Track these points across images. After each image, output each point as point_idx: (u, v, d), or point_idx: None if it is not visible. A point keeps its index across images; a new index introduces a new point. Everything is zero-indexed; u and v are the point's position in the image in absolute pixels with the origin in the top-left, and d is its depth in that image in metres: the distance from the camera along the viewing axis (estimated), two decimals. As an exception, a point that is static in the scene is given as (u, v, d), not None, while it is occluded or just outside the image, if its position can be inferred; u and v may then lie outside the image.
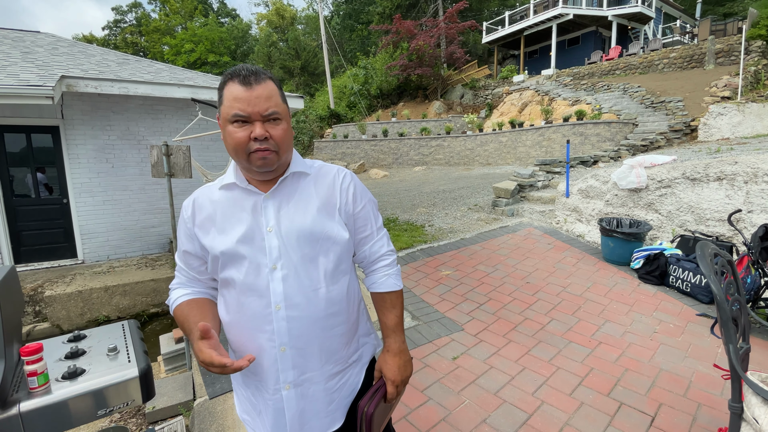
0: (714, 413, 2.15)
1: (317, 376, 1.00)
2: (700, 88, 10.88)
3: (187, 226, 1.01)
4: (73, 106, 5.74)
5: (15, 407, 1.18)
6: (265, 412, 0.99)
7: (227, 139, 0.92)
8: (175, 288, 1.06)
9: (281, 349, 0.95)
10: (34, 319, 4.68)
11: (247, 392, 1.04)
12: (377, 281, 1.13)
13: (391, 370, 1.08)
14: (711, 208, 3.99)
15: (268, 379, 0.97)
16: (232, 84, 0.91)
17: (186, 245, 1.02)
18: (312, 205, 1.00)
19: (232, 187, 1.00)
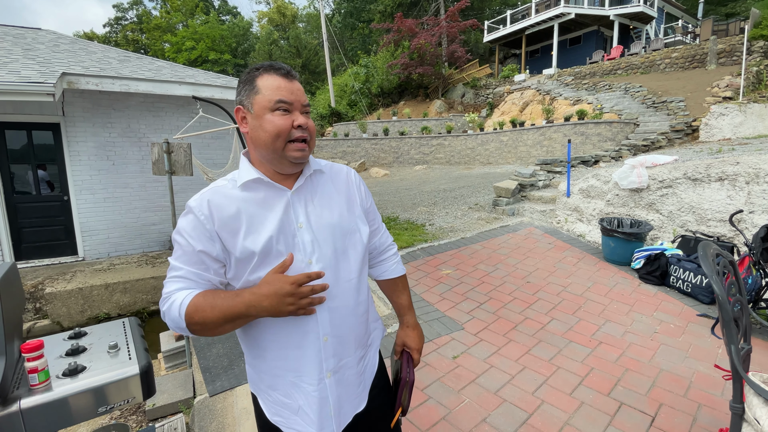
0: (714, 414, 2.15)
1: (351, 361, 1.05)
2: (702, 88, 10.86)
3: (205, 227, 0.92)
4: (74, 103, 5.74)
5: (16, 404, 1.18)
6: (308, 405, 1.00)
7: (265, 127, 0.92)
8: (175, 293, 0.91)
9: (324, 339, 0.98)
10: (34, 316, 4.68)
11: (278, 393, 1.02)
12: (389, 269, 1.23)
13: (414, 341, 1.21)
14: (712, 209, 3.99)
15: (312, 371, 0.99)
16: (269, 75, 0.94)
17: (203, 246, 0.92)
18: (335, 201, 1.05)
19: (257, 184, 0.97)
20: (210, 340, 3.18)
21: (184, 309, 0.87)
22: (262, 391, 1.05)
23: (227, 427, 2.31)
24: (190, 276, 0.93)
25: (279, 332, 0.97)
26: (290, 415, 1.02)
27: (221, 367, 2.81)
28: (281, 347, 0.98)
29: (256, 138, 0.95)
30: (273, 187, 0.98)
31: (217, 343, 3.13)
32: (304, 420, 1.00)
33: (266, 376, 1.02)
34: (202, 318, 0.86)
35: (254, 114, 0.94)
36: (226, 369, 2.79)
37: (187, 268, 0.92)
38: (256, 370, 1.05)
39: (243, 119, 0.98)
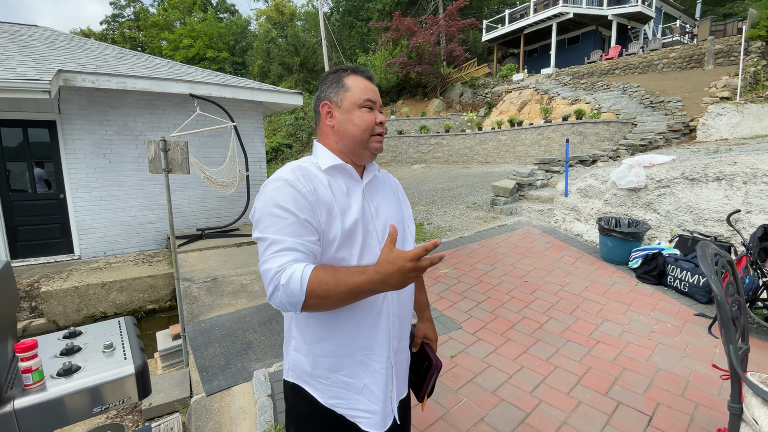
0: (712, 413, 2.15)
1: (405, 345, 1.16)
2: (700, 88, 10.89)
3: (308, 199, 0.94)
4: (70, 100, 5.70)
5: (9, 404, 1.16)
6: (374, 382, 1.04)
7: (355, 120, 1.04)
8: (290, 265, 0.88)
9: (393, 320, 1.06)
10: (30, 315, 4.65)
11: (341, 374, 1.04)
12: None
13: (434, 333, 1.33)
14: (710, 209, 4.00)
15: (382, 349, 1.05)
16: (356, 77, 1.07)
17: (308, 216, 0.93)
18: (391, 199, 1.17)
19: (338, 171, 1.05)
20: (207, 340, 3.16)
21: (306, 282, 0.85)
22: (316, 377, 1.05)
23: (224, 427, 2.29)
24: (298, 247, 0.91)
25: (356, 312, 1.01)
26: (352, 395, 1.04)
27: (218, 367, 2.80)
28: (356, 326, 1.02)
29: (344, 130, 1.05)
30: (351, 175, 1.07)
31: (213, 342, 3.12)
32: (367, 398, 1.04)
33: (329, 359, 1.03)
34: (326, 292, 0.86)
35: (343, 109, 1.05)
36: (223, 368, 2.78)
37: (293, 239, 0.91)
38: (314, 355, 1.04)
39: (329, 113, 1.07)
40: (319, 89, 1.11)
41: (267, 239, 0.92)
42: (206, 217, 6.97)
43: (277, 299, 0.88)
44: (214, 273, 4.59)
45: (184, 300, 3.86)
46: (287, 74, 29.50)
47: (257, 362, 2.81)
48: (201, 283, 4.30)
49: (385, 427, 1.05)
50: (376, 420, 1.04)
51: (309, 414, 1.08)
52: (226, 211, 7.14)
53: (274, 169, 17.87)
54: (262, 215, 0.94)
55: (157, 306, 5.12)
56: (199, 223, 6.85)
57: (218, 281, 4.34)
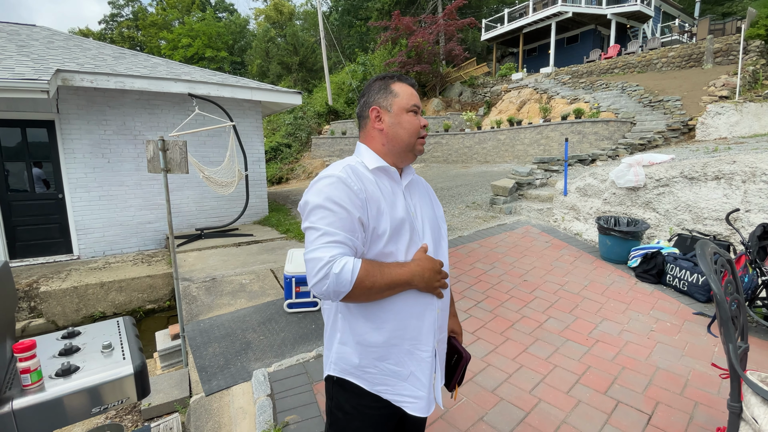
0: (711, 412, 2.16)
1: (445, 337, 1.23)
2: (698, 87, 10.89)
3: (359, 197, 1.01)
4: (68, 100, 5.69)
5: (8, 405, 1.16)
6: (420, 370, 1.10)
7: (404, 124, 1.12)
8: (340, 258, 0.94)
9: (437, 311, 1.13)
10: (29, 315, 4.64)
11: (389, 363, 1.09)
12: None
13: (459, 326, 1.40)
14: (709, 207, 4.00)
15: (428, 338, 1.11)
16: (402, 84, 1.15)
17: (360, 213, 1.00)
18: (426, 200, 1.25)
19: (383, 172, 1.13)
20: (206, 339, 3.16)
21: (357, 273, 0.94)
22: (363, 367, 1.09)
23: (223, 427, 2.29)
24: (347, 242, 0.98)
25: (405, 304, 1.08)
26: (398, 382, 1.10)
27: (217, 367, 2.80)
28: (404, 318, 1.08)
29: (394, 133, 1.13)
30: (393, 177, 1.15)
31: (213, 342, 3.11)
32: (413, 385, 1.10)
33: (377, 349, 1.08)
34: (372, 283, 0.96)
35: (393, 113, 1.13)
36: (222, 368, 2.77)
37: (344, 233, 0.97)
38: (363, 347, 1.08)
39: (377, 117, 1.14)
40: (366, 95, 1.18)
41: (320, 230, 0.97)
42: (205, 217, 6.96)
43: (324, 286, 0.93)
44: (213, 273, 4.59)
45: (183, 300, 3.86)
46: (286, 73, 29.47)
47: (256, 362, 2.81)
48: (200, 282, 4.30)
49: (429, 411, 1.12)
50: (422, 405, 1.11)
51: (355, 408, 1.11)
52: (225, 211, 7.13)
53: (273, 168, 17.68)
54: (315, 207, 1.00)
55: (156, 306, 5.12)
56: (198, 223, 6.85)
57: (217, 281, 4.34)
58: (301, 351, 2.91)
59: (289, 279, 3.47)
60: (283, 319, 3.42)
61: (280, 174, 16.53)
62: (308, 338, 3.09)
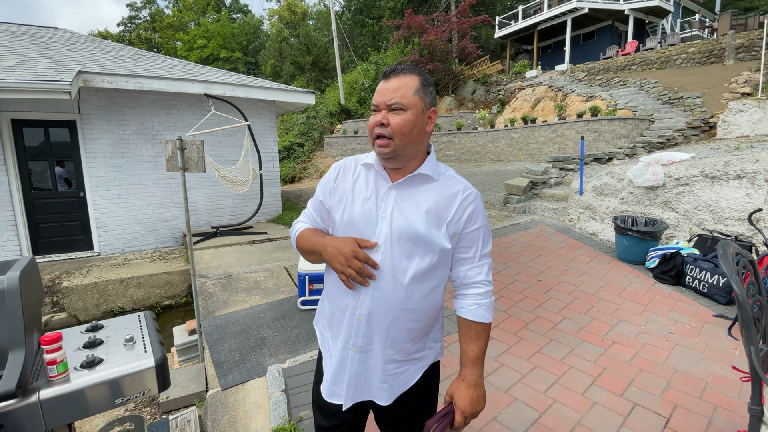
0: (731, 416, 2.11)
1: (378, 353, 1.12)
2: (720, 84, 10.59)
3: (330, 184, 1.18)
4: (89, 101, 5.84)
5: (35, 395, 1.20)
6: (334, 357, 1.16)
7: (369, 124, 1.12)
8: (298, 222, 1.26)
9: (359, 318, 1.09)
10: (51, 310, 4.79)
11: (329, 334, 1.21)
12: (466, 307, 1.13)
13: (463, 401, 1.10)
14: (730, 207, 3.90)
15: (343, 335, 1.13)
16: (381, 78, 1.11)
17: (323, 197, 1.19)
18: (424, 207, 1.07)
19: (370, 167, 1.14)
20: (222, 335, 3.21)
21: (296, 234, 1.22)
22: (323, 324, 1.25)
23: (239, 421, 2.33)
24: (309, 215, 1.25)
25: (334, 293, 1.15)
26: (326, 356, 1.21)
27: (233, 362, 2.84)
28: (333, 303, 1.17)
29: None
30: (380, 174, 1.13)
31: (228, 338, 3.17)
32: (326, 367, 1.19)
33: (328, 317, 1.21)
34: (300, 244, 1.20)
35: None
36: (238, 363, 2.82)
37: (310, 209, 1.25)
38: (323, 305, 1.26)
39: None
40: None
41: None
42: (220, 215, 7.07)
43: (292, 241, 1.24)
44: (228, 270, 4.66)
45: (199, 296, 3.93)
46: (299, 73, 29.67)
47: (271, 358, 2.85)
48: (216, 279, 4.37)
49: (329, 398, 1.16)
50: (325, 387, 1.18)
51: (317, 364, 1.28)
52: (240, 209, 7.23)
53: (287, 167, 17.85)
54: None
55: (173, 302, 5.22)
56: (214, 221, 6.96)
57: (233, 278, 4.40)
58: (314, 348, 2.94)
59: (302, 276, 3.50)
60: (297, 316, 3.46)
61: (293, 173, 16.67)
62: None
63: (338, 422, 1.21)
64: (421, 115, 1.05)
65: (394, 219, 1.06)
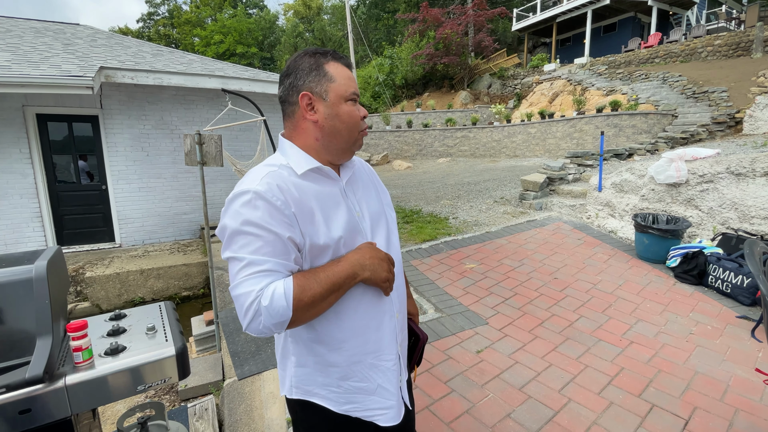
0: (753, 419, 2.05)
1: (406, 336, 1.15)
2: (747, 77, 10.20)
3: (284, 213, 0.85)
4: (111, 96, 5.97)
5: (61, 380, 1.25)
6: (387, 380, 1.02)
7: (343, 117, 0.94)
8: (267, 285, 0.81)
9: (396, 316, 1.05)
10: (75, 299, 4.95)
11: (352, 381, 1.00)
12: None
13: (414, 307, 1.32)
14: (757, 205, 3.77)
15: (390, 347, 1.03)
16: (338, 64, 0.95)
17: (289, 232, 0.85)
18: (371, 190, 1.09)
19: (315, 173, 0.95)
20: (238, 326, 3.27)
21: (291, 294, 0.80)
22: (327, 386, 1.00)
23: (255, 410, 2.38)
24: (278, 268, 0.83)
25: (361, 318, 0.97)
26: (366, 397, 1.01)
27: (249, 352, 2.90)
28: (362, 332, 0.98)
29: (331, 127, 0.94)
30: (330, 176, 0.98)
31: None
32: (382, 396, 1.02)
33: (339, 369, 0.99)
34: (312, 295, 0.82)
35: (329, 102, 0.93)
36: (254, 354, 2.87)
37: (273, 260, 0.83)
38: (322, 367, 0.99)
39: (309, 106, 0.94)
40: (291, 75, 0.95)
41: (242, 260, 0.82)
42: (236, 209, 7.16)
43: (259, 325, 0.80)
44: (244, 263, 4.73)
45: (216, 288, 4.00)
46: (314, 68, 29.71)
47: (286, 350, 2.89)
48: (232, 272, 4.44)
49: (400, 417, 1.05)
50: (392, 414, 1.03)
51: (323, 421, 1.03)
52: (255, 203, 7.31)
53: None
54: (234, 234, 0.84)
55: (191, 293, 5.34)
56: (230, 215, 7.05)
57: (248, 271, 4.47)
58: (328, 341, 2.97)
59: (317, 270, 3.53)
60: (311, 310, 3.49)
61: (308, 167, 16.77)
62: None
63: None
64: None
65: (365, 212, 1.03)
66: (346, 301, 0.95)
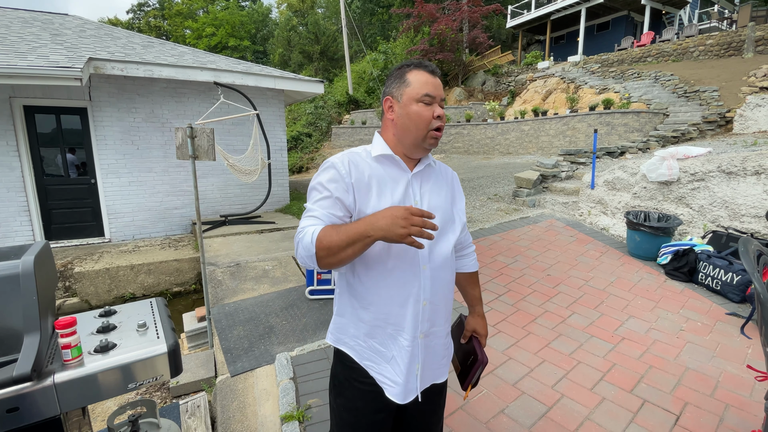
0: (743, 415, 2.08)
1: (440, 331, 1.19)
2: (738, 77, 10.32)
3: (345, 180, 1.07)
4: (100, 88, 5.86)
5: (50, 378, 1.22)
6: (400, 356, 1.12)
7: (412, 116, 1.08)
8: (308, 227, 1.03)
9: (423, 304, 1.11)
10: (64, 294, 4.87)
11: (375, 341, 1.14)
12: (469, 263, 1.39)
13: (483, 328, 1.38)
14: (747, 204, 3.82)
15: (409, 328, 1.11)
16: (419, 72, 1.10)
17: (340, 194, 1.06)
18: (443, 190, 1.21)
19: (386, 159, 1.13)
20: (231, 322, 3.24)
21: (316, 236, 0.98)
22: (355, 337, 1.17)
23: (248, 407, 2.36)
24: (322, 216, 1.06)
25: (387, 290, 1.10)
26: (382, 362, 1.15)
27: (242, 349, 2.87)
28: (386, 303, 1.11)
29: (402, 124, 1.11)
30: (399, 165, 1.13)
31: (237, 325, 3.20)
32: (394, 369, 1.13)
33: (365, 325, 1.14)
34: (329, 242, 0.96)
35: (402, 103, 1.10)
36: (247, 351, 2.85)
37: (321, 210, 1.06)
38: (355, 320, 1.16)
39: (390, 108, 1.14)
40: (386, 83, 1.18)
41: (306, 207, 1.10)
42: (229, 204, 7.11)
43: (297, 252, 1.03)
44: (237, 258, 4.69)
45: (209, 284, 3.96)
46: (307, 63, 29.49)
47: (279, 346, 2.87)
48: (225, 267, 4.40)
49: (405, 399, 1.13)
50: (398, 390, 1.12)
51: (348, 380, 1.19)
52: (249, 198, 7.26)
53: (294, 158, 17.84)
54: (311, 189, 1.12)
55: (182, 289, 5.28)
56: (222, 210, 7.00)
57: (241, 266, 4.43)
58: (322, 337, 2.96)
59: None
60: (305, 305, 3.47)
61: (301, 163, 16.66)
62: (329, 324, 3.13)
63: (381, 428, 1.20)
64: None
65: (425, 203, 1.14)
66: (376, 269, 1.10)
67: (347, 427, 1.21)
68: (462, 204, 1.29)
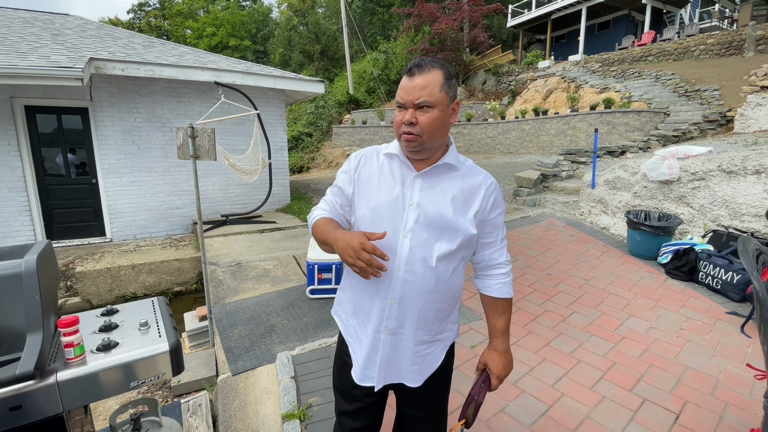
0: (742, 413, 2.09)
1: (409, 335, 1.18)
2: (739, 76, 10.30)
3: (350, 174, 1.21)
4: (101, 88, 5.87)
5: (52, 376, 1.23)
6: (365, 342, 1.20)
7: (394, 120, 1.13)
8: (317, 209, 1.25)
9: (391, 302, 1.14)
10: (66, 294, 4.88)
11: (355, 322, 1.24)
12: (492, 286, 1.24)
13: (497, 367, 1.24)
14: (747, 203, 3.82)
15: (374, 319, 1.17)
16: (404, 77, 1.09)
17: (343, 185, 1.22)
18: (451, 195, 1.14)
19: (393, 157, 1.18)
20: (232, 322, 3.25)
21: (312, 221, 1.21)
22: (346, 313, 1.28)
23: (249, 406, 2.37)
24: (329, 202, 1.24)
25: (360, 283, 1.20)
26: (353, 343, 1.25)
27: (243, 348, 2.88)
28: (360, 292, 1.21)
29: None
30: (404, 164, 1.16)
31: (238, 324, 3.21)
32: (358, 350, 1.22)
33: (350, 306, 1.26)
34: (316, 232, 1.17)
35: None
36: (248, 350, 2.86)
37: (330, 197, 1.25)
38: (347, 297, 1.28)
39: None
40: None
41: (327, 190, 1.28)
42: (230, 204, 7.12)
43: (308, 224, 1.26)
44: (238, 258, 4.70)
45: (209, 283, 3.97)
46: (308, 62, 29.48)
47: (280, 345, 2.88)
48: (226, 267, 4.41)
49: (361, 382, 1.20)
50: (357, 371, 1.21)
51: (339, 349, 1.32)
52: (249, 198, 7.27)
53: (295, 157, 17.80)
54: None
55: (183, 288, 5.30)
56: (223, 209, 7.01)
57: (242, 266, 4.44)
58: (323, 336, 2.96)
59: (311, 265, 3.52)
60: (306, 305, 3.48)
61: (301, 163, 16.66)
62: (330, 323, 3.14)
63: (361, 406, 1.26)
64: (446, 109, 1.08)
65: (421, 206, 1.11)
66: None
67: (337, 395, 1.33)
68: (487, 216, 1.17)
